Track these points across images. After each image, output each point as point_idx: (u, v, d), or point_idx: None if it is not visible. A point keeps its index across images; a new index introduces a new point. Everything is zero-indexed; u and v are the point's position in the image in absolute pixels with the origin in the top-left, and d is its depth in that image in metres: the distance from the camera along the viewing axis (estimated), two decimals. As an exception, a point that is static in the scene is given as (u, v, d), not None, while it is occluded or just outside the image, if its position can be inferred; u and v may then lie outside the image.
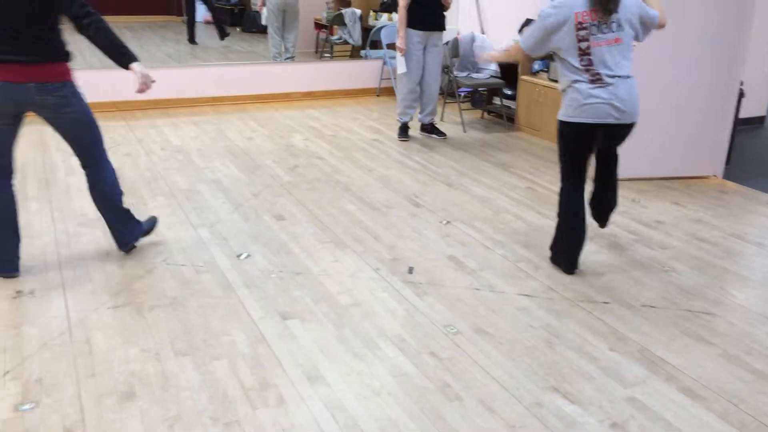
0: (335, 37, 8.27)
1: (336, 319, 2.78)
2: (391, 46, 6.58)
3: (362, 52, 7.56)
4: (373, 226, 3.75)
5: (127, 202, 3.90)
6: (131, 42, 8.67)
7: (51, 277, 3.02)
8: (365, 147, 5.28)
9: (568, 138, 3.12)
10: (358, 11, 8.05)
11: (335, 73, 7.17)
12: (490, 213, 3.99)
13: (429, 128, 5.65)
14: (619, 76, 2.99)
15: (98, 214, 3.70)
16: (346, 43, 8.17)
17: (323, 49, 8.59)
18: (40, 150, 4.83)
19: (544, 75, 5.72)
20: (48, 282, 2.97)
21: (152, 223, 3.38)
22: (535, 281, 3.17)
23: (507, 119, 6.11)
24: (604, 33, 2.97)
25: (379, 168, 4.77)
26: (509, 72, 6.16)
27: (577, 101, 3.01)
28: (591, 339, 2.70)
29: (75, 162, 4.58)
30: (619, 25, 2.99)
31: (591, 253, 3.47)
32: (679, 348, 2.66)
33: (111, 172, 3.11)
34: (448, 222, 3.84)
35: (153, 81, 2.99)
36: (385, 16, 7.91)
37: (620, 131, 3.11)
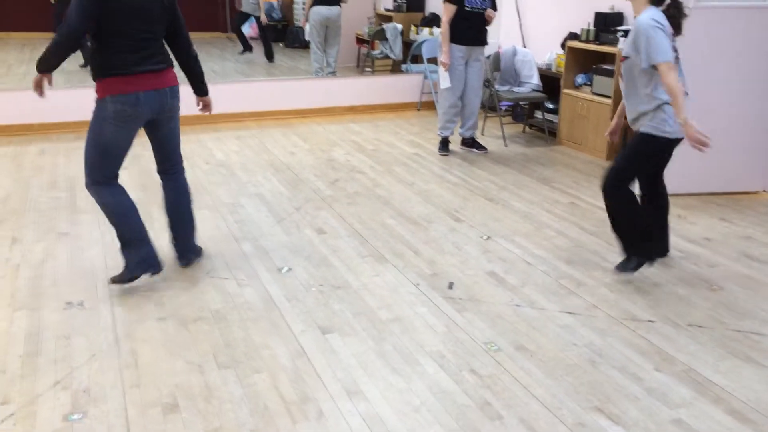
0: (376, 51, 8.34)
1: (376, 333, 2.79)
2: (432, 61, 6.60)
3: (403, 67, 7.60)
4: (413, 240, 3.75)
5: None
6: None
7: (99, 289, 3.11)
8: (406, 161, 5.30)
9: (656, 150, 3.16)
10: (400, 26, 8.12)
11: (376, 87, 7.22)
12: (532, 228, 3.96)
13: (470, 142, 5.64)
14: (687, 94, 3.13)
15: (146, 227, 3.80)
16: (387, 57, 8.24)
17: (364, 64, 8.68)
18: (91, 164, 4.98)
19: (587, 89, 5.66)
20: (96, 294, 3.06)
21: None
22: (577, 298, 3.12)
23: (549, 133, 6.06)
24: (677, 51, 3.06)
25: (419, 182, 4.78)
26: (551, 86, 6.11)
27: (672, 118, 3.04)
28: (636, 358, 2.64)
29: (124, 175, 4.71)
30: None
31: (636, 271, 3.40)
32: (727, 369, 2.59)
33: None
34: (488, 237, 3.81)
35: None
36: (426, 30, 7.95)
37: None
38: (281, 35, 11.35)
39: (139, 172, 4.80)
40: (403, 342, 2.73)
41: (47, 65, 2.88)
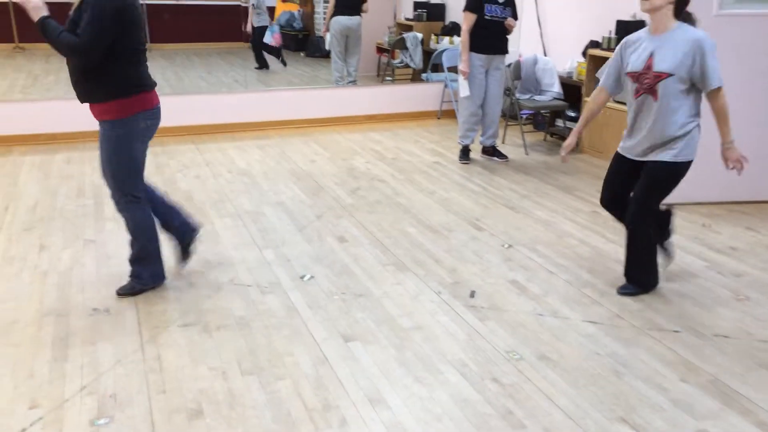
0: (397, 60, 8.38)
1: (397, 342, 2.79)
2: (453, 69, 6.61)
3: (423, 76, 7.62)
4: (433, 249, 3.75)
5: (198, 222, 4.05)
6: (200, 68, 9.04)
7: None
8: (426, 170, 5.30)
9: (682, 177, 3.04)
10: (420, 35, 8.14)
11: (397, 96, 7.24)
12: (554, 237, 3.94)
13: (490, 151, 5.64)
14: None
15: (170, 234, 3.85)
16: (407, 66, 8.26)
17: (385, 73, 8.71)
18: (115, 172, 5.05)
19: (609, 97, 5.63)
20: (122, 300, 3.09)
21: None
22: (600, 308, 3.10)
23: (570, 141, 6.03)
24: None
25: (440, 191, 4.78)
26: (572, 94, 6.09)
27: (697, 141, 3.01)
28: (661, 369, 2.62)
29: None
30: None
31: (660, 280, 3.37)
32: (754, 380, 2.55)
33: None
34: (510, 246, 3.80)
35: None
36: (446, 39, 7.97)
37: None
38: (302, 44, 11.44)
39: (162, 181, 4.86)
40: (424, 350, 2.73)
41: (45, 34, 2.71)
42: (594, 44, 5.85)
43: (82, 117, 5.95)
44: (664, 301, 3.18)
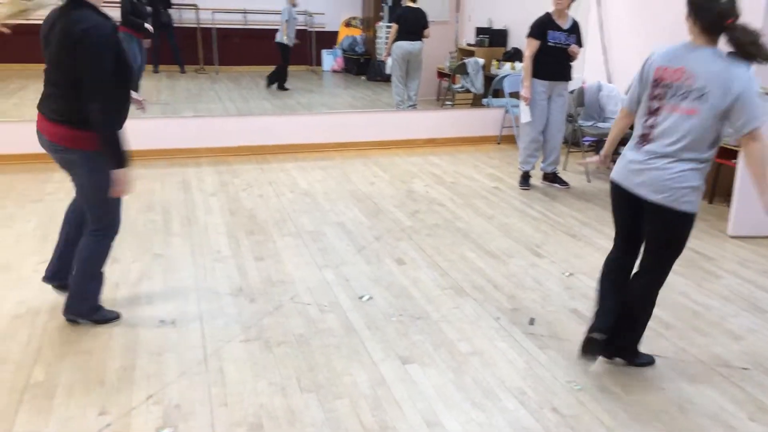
0: (457, 85, 8.42)
1: (456, 366, 2.78)
2: (514, 95, 6.60)
3: (484, 101, 7.63)
4: (492, 274, 3.73)
5: (258, 239, 4.15)
6: (264, 90, 9.28)
7: (190, 309, 3.24)
8: (485, 194, 5.29)
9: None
10: (482, 60, 8.17)
11: (456, 120, 7.27)
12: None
13: (551, 177, 5.59)
14: None
15: (232, 251, 3.96)
16: (468, 91, 8.29)
17: (445, 97, 8.76)
18: (183, 190, 5.23)
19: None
20: (187, 313, 3.19)
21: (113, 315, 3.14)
22: (665, 341, 3.02)
23: (633, 169, 5.91)
24: None
25: (499, 216, 4.76)
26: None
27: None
28: (728, 407, 2.53)
29: (214, 201, 4.94)
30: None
31: (729, 315, 3.27)
32: (831, 424, 2.43)
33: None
34: (570, 274, 3.75)
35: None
36: (507, 65, 7.98)
37: None
38: (363, 68, 11.63)
39: (227, 199, 5.00)
40: (483, 376, 2.71)
41: (122, 156, 2.75)
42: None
43: (150, 136, 6.23)
44: (733, 336, 3.07)
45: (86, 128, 2.70)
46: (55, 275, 3.18)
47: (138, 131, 6.20)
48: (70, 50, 2.58)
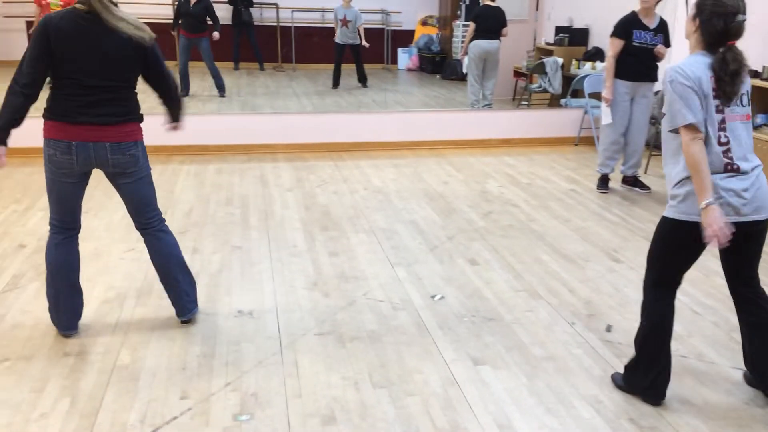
0: (534, 85, 8.28)
1: (529, 370, 2.74)
2: (595, 96, 6.44)
3: (562, 101, 7.48)
4: (568, 278, 3.66)
5: (332, 235, 4.21)
6: (340, 88, 9.40)
7: (267, 300, 3.33)
8: (561, 197, 5.19)
9: (679, 239, 2.48)
10: (560, 60, 8.01)
11: (533, 120, 7.16)
12: (699, 275, 3.71)
13: (632, 181, 5.42)
14: None
15: (307, 246, 4.03)
16: (545, 91, 8.14)
17: (521, 97, 8.64)
18: (261, 184, 5.37)
19: (766, 129, 5.25)
20: (264, 305, 3.28)
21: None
22: (751, 355, 2.88)
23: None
24: None
25: (575, 219, 4.66)
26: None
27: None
28: (821, 428, 2.39)
29: (290, 196, 5.05)
30: None
31: None
32: None
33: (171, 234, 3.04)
34: (650, 281, 3.63)
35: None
36: (588, 65, 7.79)
37: None
38: (439, 67, 11.60)
39: (302, 194, 5.10)
40: (557, 382, 2.66)
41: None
42: (753, 74, 5.48)
43: (229, 131, 6.43)
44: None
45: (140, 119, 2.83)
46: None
47: (218, 127, 6.42)
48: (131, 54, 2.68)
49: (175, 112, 3.01)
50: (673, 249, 2.48)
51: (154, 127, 3.49)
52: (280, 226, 4.41)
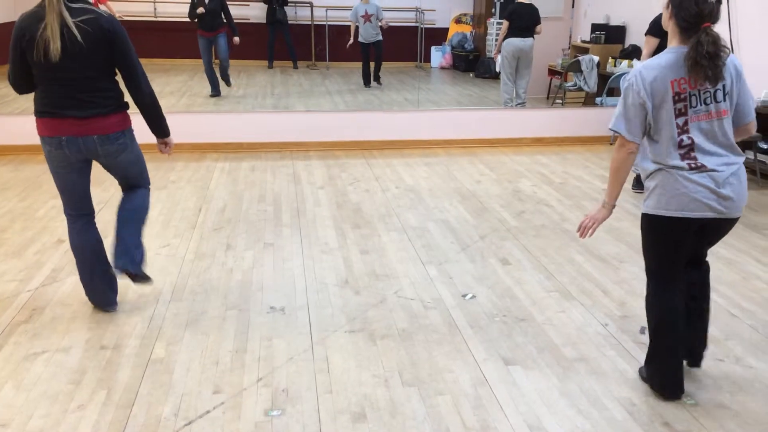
0: (569, 83, 8.18)
1: (560, 371, 2.72)
2: (630, 94, 6.33)
3: (598, 100, 7.38)
4: (601, 279, 3.61)
5: (363, 233, 4.22)
6: (373, 86, 9.42)
7: (298, 297, 3.36)
8: (596, 196, 5.12)
9: (653, 233, 2.56)
10: (596, 58, 7.90)
11: (567, 119, 7.08)
12: (738, 278, 3.63)
13: (667, 181, 5.32)
14: None
15: (339, 243, 4.05)
16: (580, 89, 8.04)
17: (555, 96, 8.54)
18: (293, 182, 5.41)
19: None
20: (296, 301, 3.31)
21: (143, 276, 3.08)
22: (791, 360, 2.81)
23: (760, 175, 5.53)
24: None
25: (610, 219, 4.58)
26: (765, 124, 5.59)
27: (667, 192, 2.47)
28: None
29: (322, 194, 5.07)
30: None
31: None
32: None
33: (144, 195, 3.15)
34: (686, 283, 3.56)
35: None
36: (625, 63, 7.66)
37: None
38: (472, 65, 11.53)
39: (334, 192, 5.12)
40: (589, 383, 2.63)
41: None
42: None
43: (263, 129, 6.49)
44: None
45: (125, 108, 2.91)
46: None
47: (252, 124, 6.48)
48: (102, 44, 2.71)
49: (151, 118, 2.96)
50: (652, 242, 2.54)
51: (187, 123, 3.53)
52: (312, 223, 4.43)
